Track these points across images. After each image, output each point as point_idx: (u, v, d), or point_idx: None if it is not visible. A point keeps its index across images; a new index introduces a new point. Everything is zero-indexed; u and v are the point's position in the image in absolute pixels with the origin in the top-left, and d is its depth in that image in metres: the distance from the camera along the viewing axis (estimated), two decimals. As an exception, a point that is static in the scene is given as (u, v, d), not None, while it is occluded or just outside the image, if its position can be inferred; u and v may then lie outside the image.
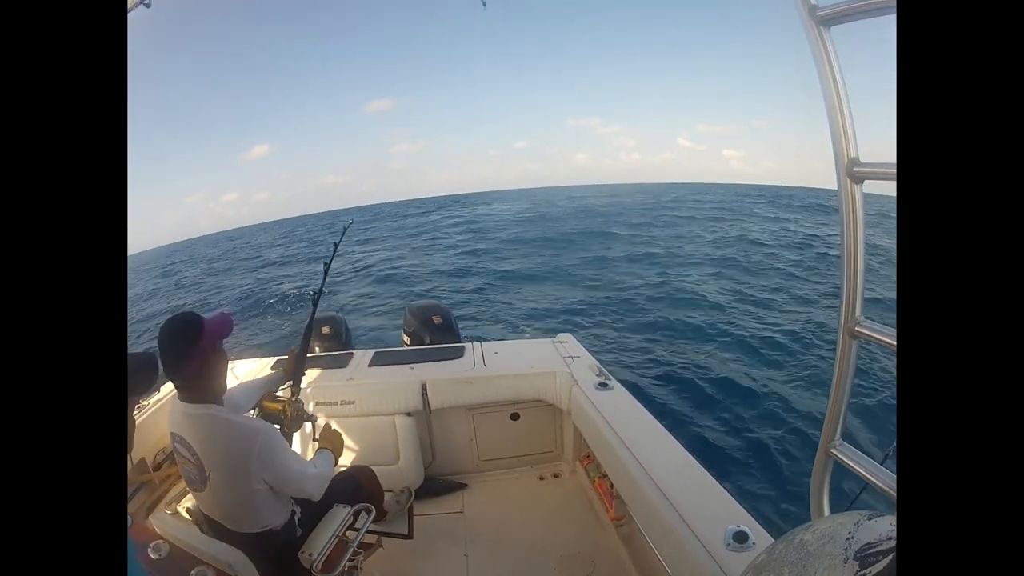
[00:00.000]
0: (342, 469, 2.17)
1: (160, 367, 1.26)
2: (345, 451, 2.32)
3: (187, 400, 1.52)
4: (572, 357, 2.86)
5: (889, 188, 0.80)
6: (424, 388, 2.70)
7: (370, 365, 2.98)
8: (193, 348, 1.45)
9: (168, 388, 2.72)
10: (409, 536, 2.28)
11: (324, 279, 2.19)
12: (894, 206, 0.53)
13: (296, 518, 1.73)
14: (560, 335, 3.21)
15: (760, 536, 1.43)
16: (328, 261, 2.20)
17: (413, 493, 2.45)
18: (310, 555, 1.63)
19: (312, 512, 1.78)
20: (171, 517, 1.76)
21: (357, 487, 2.03)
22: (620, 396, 2.42)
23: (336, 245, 2.25)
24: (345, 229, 2.39)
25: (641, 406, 2.32)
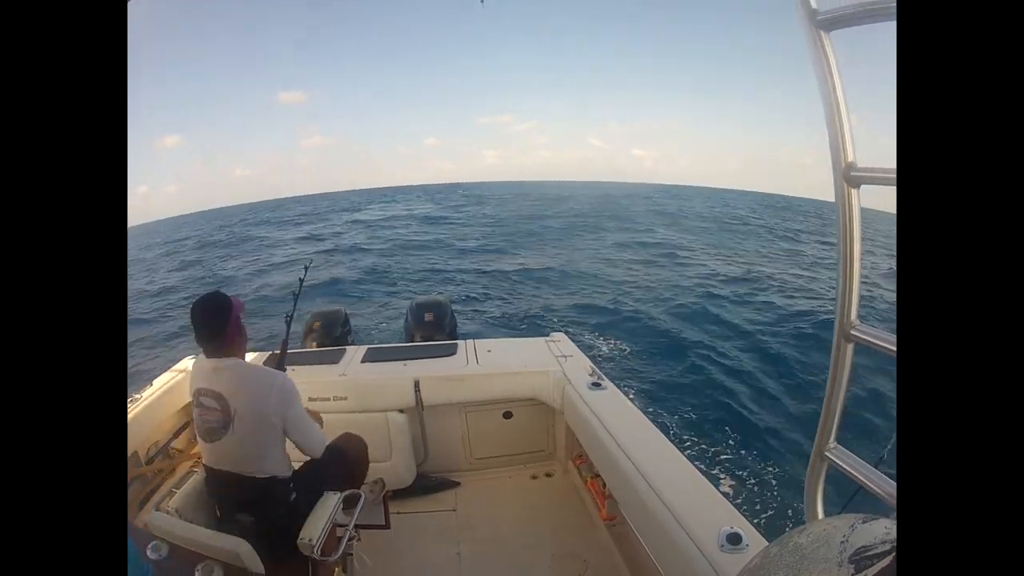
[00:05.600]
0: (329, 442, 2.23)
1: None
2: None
3: (218, 356, 1.77)
4: (565, 356, 2.86)
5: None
6: (417, 385, 2.70)
7: (363, 361, 2.98)
8: (229, 314, 1.76)
9: (161, 381, 2.84)
10: (386, 526, 2.29)
11: (294, 306, 2.43)
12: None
13: (292, 484, 1.84)
14: (553, 334, 3.22)
15: (753, 538, 1.43)
16: (296, 292, 2.47)
17: (385, 482, 2.47)
18: (309, 540, 1.68)
19: (303, 489, 1.86)
20: (168, 516, 1.76)
21: (344, 455, 2.10)
22: (613, 396, 2.42)
23: (302, 281, 2.52)
24: (307, 268, 2.64)
25: (634, 406, 2.32)
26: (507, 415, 2.90)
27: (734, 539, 1.40)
